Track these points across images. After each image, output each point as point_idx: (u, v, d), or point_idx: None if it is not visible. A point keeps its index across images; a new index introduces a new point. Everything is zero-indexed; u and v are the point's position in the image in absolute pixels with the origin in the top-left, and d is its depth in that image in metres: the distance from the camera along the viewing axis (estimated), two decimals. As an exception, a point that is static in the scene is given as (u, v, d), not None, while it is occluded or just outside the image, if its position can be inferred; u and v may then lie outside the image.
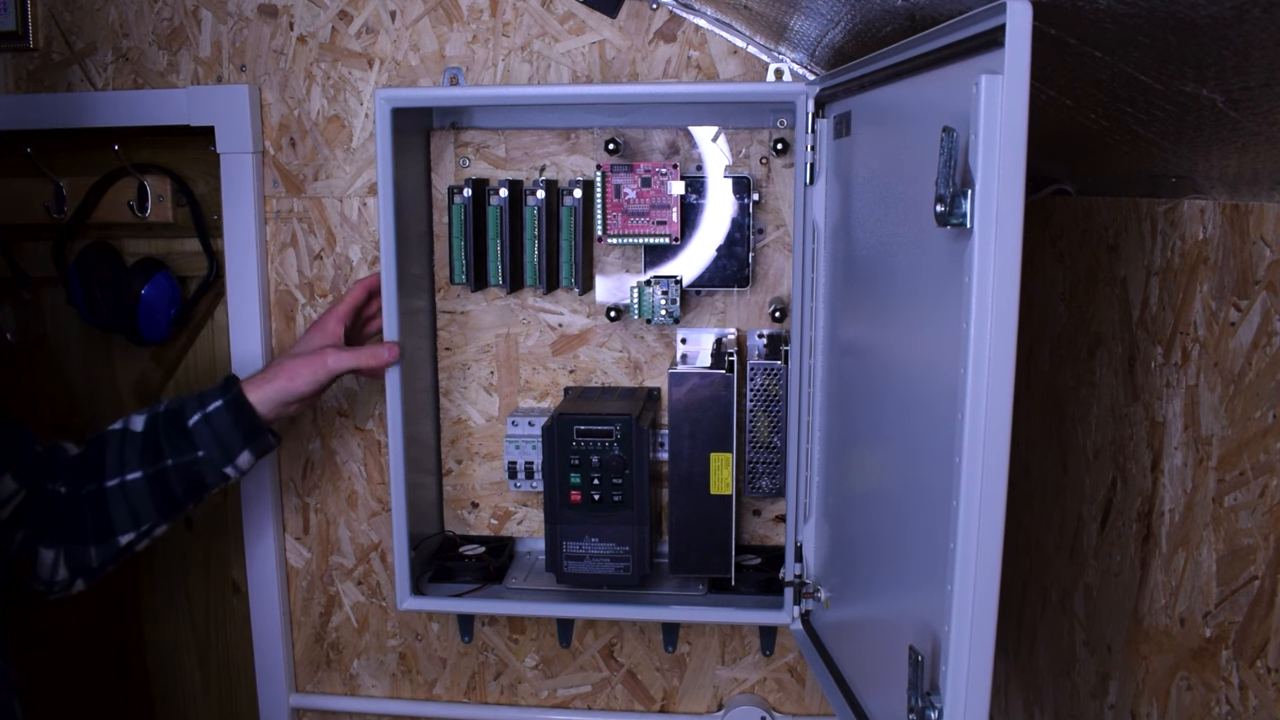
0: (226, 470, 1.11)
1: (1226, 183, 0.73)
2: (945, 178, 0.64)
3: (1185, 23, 0.55)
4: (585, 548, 1.19)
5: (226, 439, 1.09)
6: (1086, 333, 0.96)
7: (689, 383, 1.16)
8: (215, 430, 1.09)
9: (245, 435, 1.10)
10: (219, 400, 1.10)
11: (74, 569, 1.08)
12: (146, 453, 1.08)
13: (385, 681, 1.43)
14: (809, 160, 1.10)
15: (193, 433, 1.09)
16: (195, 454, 1.09)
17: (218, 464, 1.10)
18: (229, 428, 1.09)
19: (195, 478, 1.10)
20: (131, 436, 1.10)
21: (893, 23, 0.84)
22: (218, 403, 1.10)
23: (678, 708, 1.39)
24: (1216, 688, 0.73)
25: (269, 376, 1.12)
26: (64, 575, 1.08)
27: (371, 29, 1.28)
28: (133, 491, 1.08)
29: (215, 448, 1.09)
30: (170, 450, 1.09)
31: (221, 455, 1.10)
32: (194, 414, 1.10)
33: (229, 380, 1.12)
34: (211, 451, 1.09)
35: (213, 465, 1.10)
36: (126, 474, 1.08)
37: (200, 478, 1.10)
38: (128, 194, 1.37)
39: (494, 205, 1.22)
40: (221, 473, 1.11)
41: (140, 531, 1.09)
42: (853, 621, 1.01)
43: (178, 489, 1.09)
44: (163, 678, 1.55)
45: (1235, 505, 0.72)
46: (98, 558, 1.08)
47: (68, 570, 1.08)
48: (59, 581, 1.08)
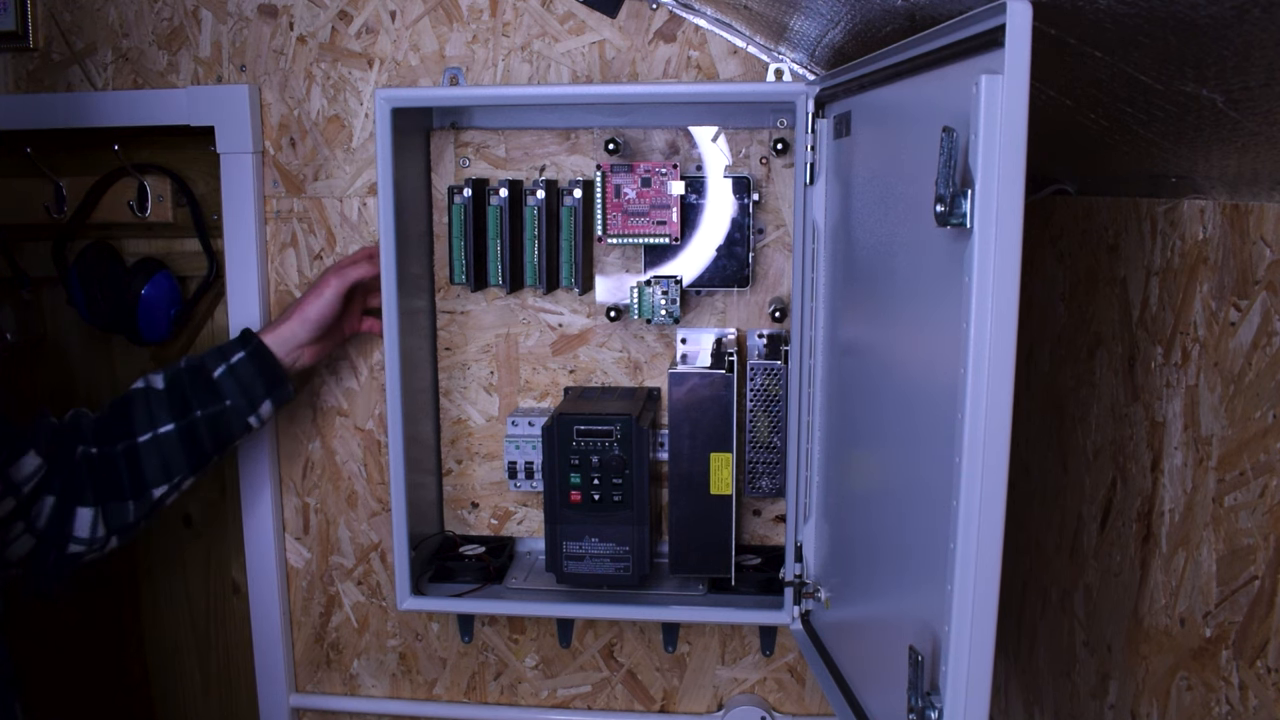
0: (250, 419, 1.17)
1: (1226, 183, 0.73)
2: (945, 178, 0.64)
3: (1185, 23, 0.55)
4: (585, 548, 1.19)
5: (251, 387, 1.16)
6: (1086, 333, 0.96)
7: (689, 383, 1.16)
8: (240, 380, 1.15)
9: (268, 384, 1.17)
10: (241, 351, 1.16)
11: (111, 526, 1.13)
12: (175, 406, 1.14)
13: (385, 681, 1.43)
14: (809, 160, 1.10)
15: (218, 384, 1.15)
16: (223, 404, 1.15)
17: (243, 413, 1.16)
18: (253, 376, 1.16)
19: (223, 427, 1.16)
20: (156, 394, 1.15)
21: (893, 23, 0.84)
22: (240, 354, 1.16)
23: (678, 708, 1.39)
24: (1216, 688, 0.73)
25: (282, 318, 1.20)
26: (102, 533, 1.12)
27: (371, 29, 1.28)
28: (165, 444, 1.13)
29: (241, 396, 1.15)
30: (198, 402, 1.14)
31: (246, 404, 1.16)
32: (218, 366, 1.16)
33: (246, 333, 1.19)
34: (238, 400, 1.15)
35: (238, 414, 1.16)
36: (158, 428, 1.13)
37: (227, 427, 1.16)
38: (128, 194, 1.37)
39: (494, 205, 1.22)
40: (245, 422, 1.17)
41: (172, 484, 1.15)
42: (853, 621, 1.01)
43: (207, 440, 1.15)
44: (163, 678, 1.55)
45: (1235, 505, 0.72)
46: (135, 512, 1.14)
47: (105, 527, 1.12)
48: (98, 539, 1.12)
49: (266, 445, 1.36)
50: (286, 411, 1.37)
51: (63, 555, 1.10)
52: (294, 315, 1.19)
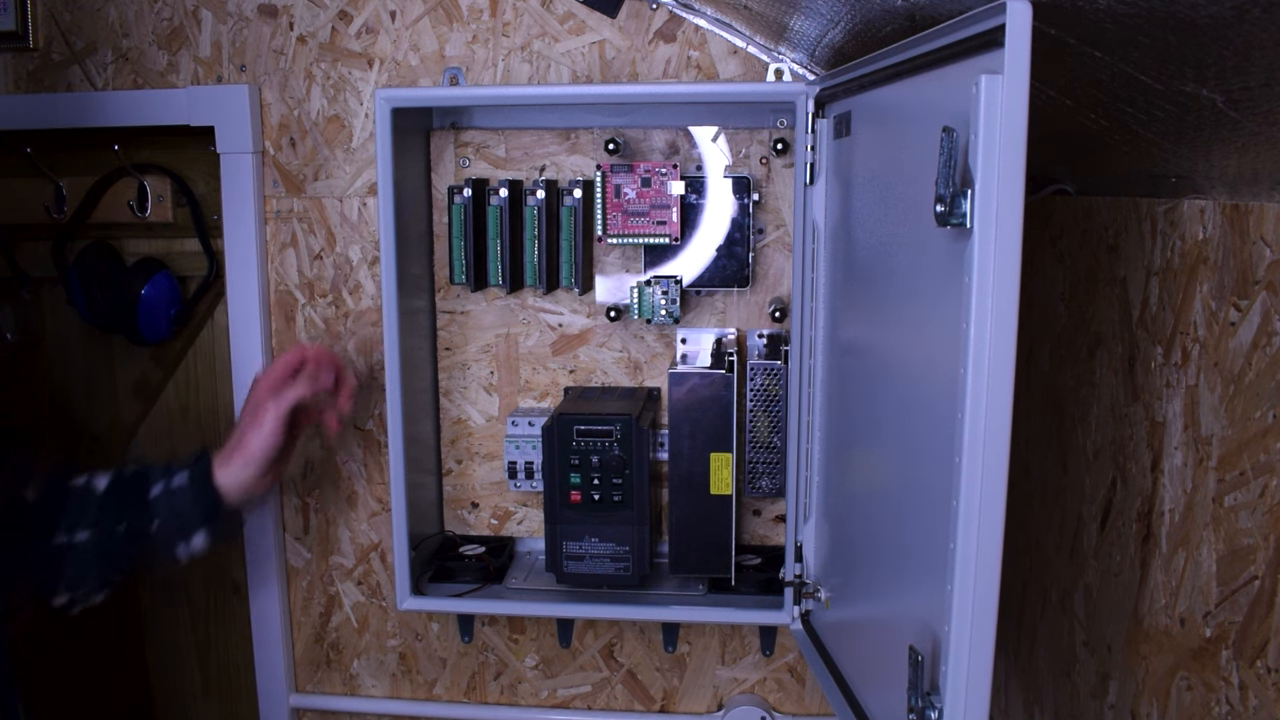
0: (178, 549, 1.06)
1: (1226, 183, 0.73)
2: (945, 178, 0.64)
3: (1185, 23, 0.55)
4: (585, 548, 1.19)
5: (184, 515, 1.05)
6: (1086, 333, 0.96)
7: (689, 383, 1.16)
8: (174, 505, 1.05)
9: (204, 515, 1.06)
10: (185, 475, 1.06)
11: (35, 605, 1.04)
12: (103, 513, 1.04)
13: (385, 681, 1.43)
14: (809, 160, 1.10)
15: (152, 504, 1.05)
16: (149, 525, 1.04)
17: (171, 539, 1.06)
18: (189, 505, 1.05)
19: (144, 548, 1.05)
20: (92, 496, 1.05)
21: (893, 23, 0.84)
22: (183, 477, 1.06)
23: (678, 708, 1.39)
24: (1216, 688, 0.73)
25: (230, 449, 1.09)
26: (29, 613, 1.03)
27: (371, 29, 1.28)
28: (80, 552, 1.03)
29: (172, 521, 1.05)
30: (125, 516, 1.04)
31: (177, 530, 1.05)
32: (157, 484, 1.06)
33: (201, 454, 1.09)
34: (168, 525, 1.05)
35: (165, 540, 1.06)
36: (76, 533, 1.03)
37: (150, 548, 1.05)
38: (128, 194, 1.37)
39: (494, 205, 1.22)
40: (173, 551, 1.06)
41: (76, 595, 1.05)
42: (853, 621, 1.01)
43: (123, 557, 1.05)
44: (163, 678, 1.56)
45: (1235, 505, 0.72)
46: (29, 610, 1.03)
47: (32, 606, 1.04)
48: None
49: (266, 445, 1.36)
50: (286, 411, 1.37)
51: None
52: (240, 451, 1.08)
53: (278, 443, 1.09)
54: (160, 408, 1.49)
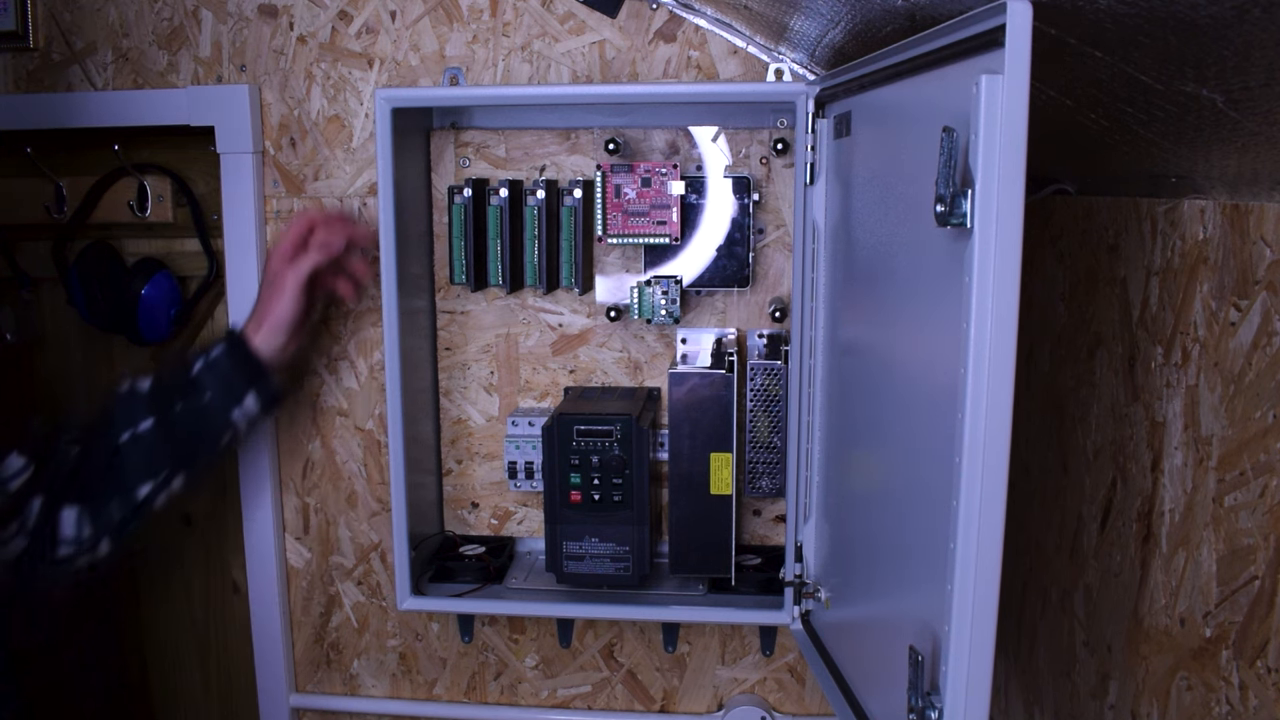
0: (234, 414, 1.13)
1: (1226, 183, 0.73)
2: (945, 178, 0.64)
3: (1185, 23, 0.55)
4: (585, 548, 1.19)
5: (230, 381, 1.13)
6: (1086, 333, 0.96)
7: (689, 383, 1.16)
8: (219, 374, 1.13)
9: (248, 377, 1.14)
10: (221, 345, 1.15)
11: (98, 526, 1.10)
12: (155, 402, 1.12)
13: (385, 681, 1.43)
14: (809, 160, 1.10)
15: (198, 379, 1.13)
16: (202, 398, 1.12)
17: (223, 407, 1.13)
18: (231, 370, 1.13)
19: (203, 422, 1.13)
20: (139, 393, 1.13)
21: (893, 23, 0.84)
22: (219, 348, 1.14)
23: (678, 708, 1.39)
24: (1216, 688, 0.73)
25: (258, 319, 1.16)
26: (89, 533, 1.10)
27: (371, 29, 1.28)
28: (145, 440, 1.11)
29: (220, 390, 1.13)
30: (178, 396, 1.12)
31: (227, 398, 1.13)
32: (197, 360, 1.14)
33: (230, 330, 1.17)
34: (217, 394, 1.12)
35: (219, 409, 1.13)
36: (138, 425, 1.11)
37: (208, 422, 1.13)
38: (128, 194, 1.37)
39: (494, 205, 1.22)
40: (228, 418, 1.13)
41: (157, 482, 1.12)
42: (853, 621, 1.01)
43: (187, 434, 1.12)
44: (163, 678, 1.56)
45: (1235, 505, 0.72)
46: (120, 511, 1.11)
47: (92, 527, 1.10)
48: (84, 539, 1.10)
49: (266, 445, 1.36)
50: (286, 412, 1.37)
51: (55, 557, 1.09)
52: (267, 317, 1.15)
53: (300, 309, 1.16)
54: (160, 408, 1.49)
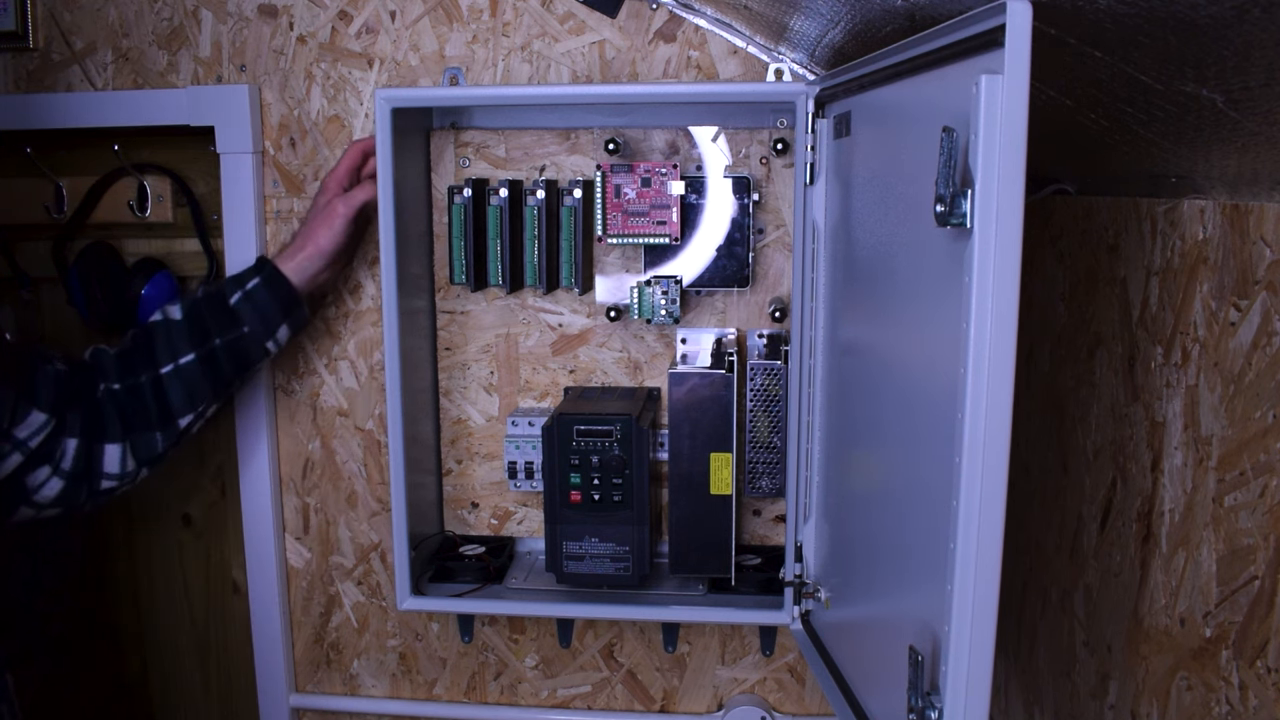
0: (268, 344, 1.19)
1: (1226, 183, 0.73)
2: (945, 178, 0.64)
3: (1185, 23, 0.55)
4: (585, 548, 1.19)
5: (267, 312, 1.17)
6: (1086, 333, 0.96)
7: (689, 383, 1.16)
8: (256, 305, 1.17)
9: (283, 308, 1.18)
10: (256, 278, 1.18)
11: (140, 458, 1.16)
12: (194, 335, 1.15)
13: (385, 681, 1.43)
14: (809, 160, 1.10)
15: (235, 310, 1.17)
16: (240, 330, 1.16)
17: (261, 338, 1.18)
18: (268, 301, 1.17)
19: (242, 354, 1.18)
20: (175, 324, 1.16)
21: (893, 23, 0.84)
22: (256, 280, 1.17)
23: (678, 708, 1.39)
24: (1216, 688, 0.73)
25: (296, 247, 1.20)
26: (132, 466, 1.16)
27: (371, 29, 1.28)
28: (187, 373, 1.15)
29: (258, 321, 1.17)
30: (217, 330, 1.16)
31: (263, 329, 1.18)
32: (234, 293, 1.17)
33: (261, 260, 1.19)
34: (255, 326, 1.17)
35: (256, 340, 1.18)
36: (179, 358, 1.15)
37: (246, 353, 1.18)
38: (128, 194, 1.37)
39: (494, 205, 1.22)
40: (264, 347, 1.19)
41: (197, 413, 1.17)
42: (853, 621, 1.01)
43: (227, 366, 1.17)
44: (163, 678, 1.55)
45: (1235, 505, 0.72)
46: (163, 442, 1.16)
47: (135, 460, 1.15)
48: (128, 472, 1.15)
49: (266, 445, 1.36)
50: (286, 411, 1.37)
51: (95, 491, 1.14)
52: (308, 246, 1.19)
53: (345, 240, 1.20)
54: (160, 408, 1.49)
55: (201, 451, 1.46)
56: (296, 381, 1.37)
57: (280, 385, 1.37)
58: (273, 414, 1.37)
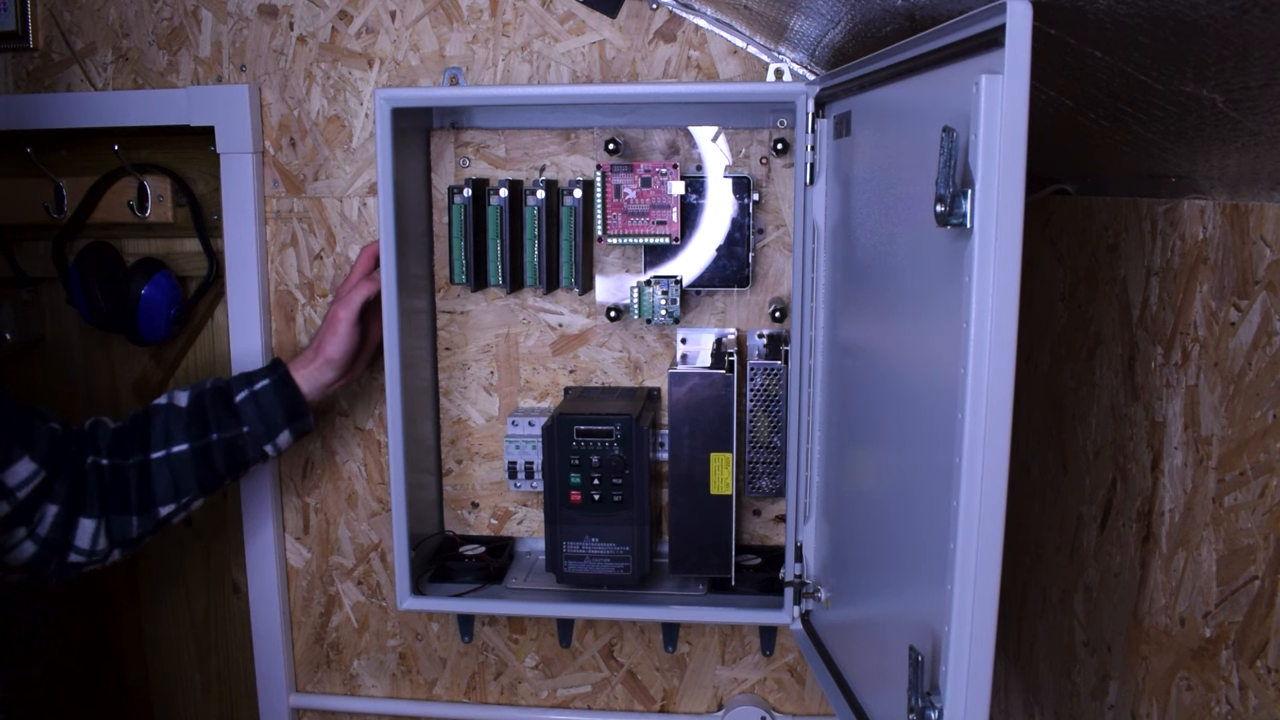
0: (266, 448, 1.17)
1: (1226, 183, 0.73)
2: (945, 178, 0.64)
3: (1185, 23, 0.55)
4: (585, 548, 1.19)
5: (271, 416, 1.15)
6: (1086, 333, 0.96)
7: (689, 383, 1.16)
8: (261, 407, 1.15)
9: (288, 414, 1.16)
10: (266, 379, 1.16)
11: (114, 539, 1.12)
12: (193, 426, 1.13)
13: (385, 681, 1.43)
14: (809, 160, 1.10)
15: (239, 409, 1.15)
16: (240, 429, 1.15)
17: (260, 440, 1.16)
18: (274, 406, 1.16)
19: (238, 452, 1.15)
20: (176, 411, 1.14)
21: (893, 23, 0.84)
22: (265, 381, 1.16)
23: (678, 708, 1.39)
24: (1216, 688, 0.73)
25: (308, 356, 1.19)
26: (104, 545, 1.12)
27: (371, 29, 1.28)
28: (177, 463, 1.13)
29: (260, 424, 1.15)
30: (216, 425, 1.14)
31: (264, 432, 1.16)
32: (241, 391, 1.16)
33: (275, 362, 1.19)
34: (256, 428, 1.15)
35: (255, 441, 1.16)
36: (172, 446, 1.13)
37: (243, 452, 1.15)
38: (128, 194, 1.37)
39: (494, 205, 1.22)
40: (261, 449, 1.16)
41: (180, 504, 1.14)
42: (853, 621, 1.01)
43: (220, 463, 1.15)
44: (163, 678, 1.56)
45: (1235, 505, 0.72)
46: (138, 528, 1.13)
47: (108, 540, 1.12)
48: (99, 551, 1.12)
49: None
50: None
51: (63, 563, 1.10)
52: (318, 358, 1.18)
53: (353, 343, 1.19)
54: (160, 408, 1.49)
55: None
56: (296, 381, 1.37)
57: (280, 385, 1.37)
58: (273, 414, 1.37)
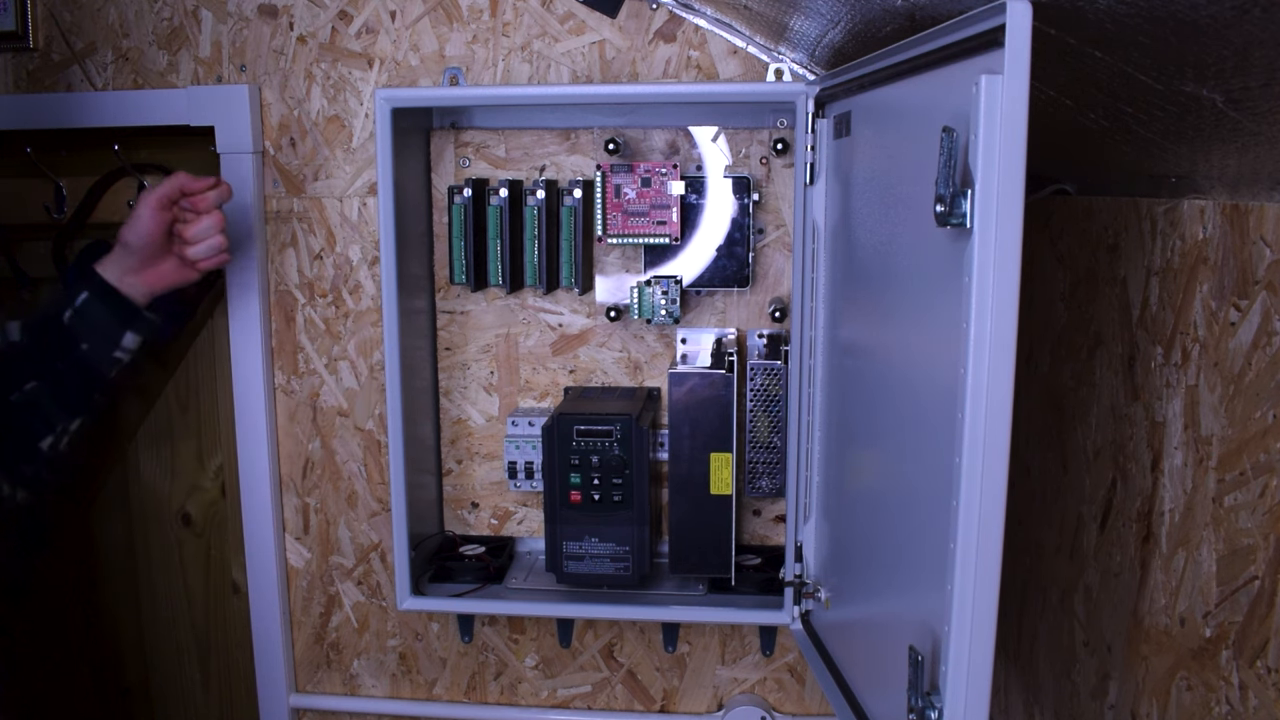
0: (116, 354, 1.12)
1: (1226, 183, 0.73)
2: (945, 178, 0.64)
3: (1185, 23, 0.55)
4: (585, 548, 1.19)
5: (103, 326, 1.11)
6: (1086, 333, 0.96)
7: (689, 383, 1.16)
8: (88, 320, 1.10)
9: (121, 319, 1.11)
10: (85, 292, 1.10)
11: (15, 482, 1.10)
12: (32, 360, 1.10)
13: (385, 681, 1.43)
14: (809, 160, 1.10)
15: (70, 329, 1.10)
16: (79, 348, 1.10)
17: (105, 351, 1.11)
18: (101, 314, 1.10)
19: (89, 369, 1.11)
20: (14, 346, 1.10)
21: (893, 23, 0.84)
22: (84, 295, 1.10)
23: (678, 708, 1.39)
24: (1216, 688, 0.73)
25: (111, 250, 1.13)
26: (7, 490, 1.09)
27: (371, 29, 1.28)
28: (35, 398, 1.09)
29: (96, 336, 1.10)
30: (56, 352, 1.10)
31: (105, 342, 1.11)
32: (65, 310, 1.10)
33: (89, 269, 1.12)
34: (94, 341, 1.10)
35: (100, 354, 1.11)
36: (24, 384, 1.09)
37: (95, 368, 1.11)
38: (128, 194, 1.37)
39: (494, 205, 1.22)
40: (112, 358, 1.12)
41: (57, 432, 1.10)
42: (853, 621, 1.01)
43: (75, 385, 1.11)
44: (163, 678, 1.55)
45: (1235, 505, 0.72)
46: (28, 466, 1.10)
47: (9, 485, 1.09)
48: (5, 497, 1.09)
49: (266, 445, 1.36)
50: (286, 411, 1.37)
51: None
52: (116, 244, 1.12)
53: (149, 230, 1.10)
54: (160, 407, 1.49)
55: (201, 451, 1.46)
56: (296, 381, 1.37)
57: (280, 385, 1.37)
58: (273, 414, 1.37)
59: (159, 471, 1.47)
